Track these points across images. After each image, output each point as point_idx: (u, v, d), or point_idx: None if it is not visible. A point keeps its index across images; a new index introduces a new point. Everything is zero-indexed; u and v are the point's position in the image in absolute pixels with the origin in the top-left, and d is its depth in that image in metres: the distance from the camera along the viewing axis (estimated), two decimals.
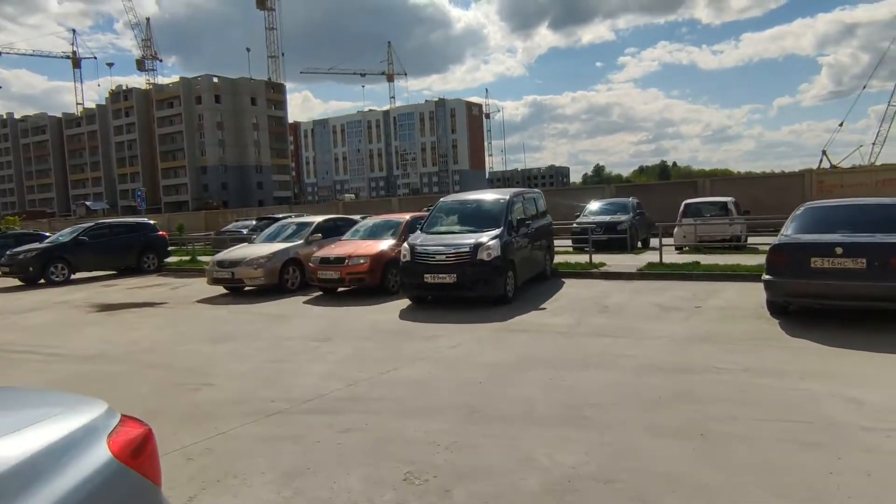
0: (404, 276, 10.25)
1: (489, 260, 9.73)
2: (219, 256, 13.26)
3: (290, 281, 12.82)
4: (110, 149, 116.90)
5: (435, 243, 10.18)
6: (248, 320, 9.97)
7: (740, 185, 28.10)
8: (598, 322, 8.48)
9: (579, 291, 11.19)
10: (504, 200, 11.09)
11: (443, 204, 11.74)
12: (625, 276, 12.73)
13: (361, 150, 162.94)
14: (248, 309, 11.14)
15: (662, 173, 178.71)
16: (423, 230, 10.98)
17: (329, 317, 9.89)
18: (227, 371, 6.78)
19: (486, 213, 11.07)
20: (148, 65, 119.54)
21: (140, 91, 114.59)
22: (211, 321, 10.13)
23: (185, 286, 15.32)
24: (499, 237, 10.07)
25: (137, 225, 19.95)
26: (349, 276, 11.38)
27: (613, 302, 9.97)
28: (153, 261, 19.53)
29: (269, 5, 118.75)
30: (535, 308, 9.72)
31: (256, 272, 12.34)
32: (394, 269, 11.73)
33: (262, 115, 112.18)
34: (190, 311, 11.23)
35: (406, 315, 9.69)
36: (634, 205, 19.57)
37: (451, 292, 9.91)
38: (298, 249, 13.12)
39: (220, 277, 12.68)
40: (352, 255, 11.52)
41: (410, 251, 10.16)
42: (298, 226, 14.26)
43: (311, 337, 8.37)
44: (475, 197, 11.91)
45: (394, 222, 12.98)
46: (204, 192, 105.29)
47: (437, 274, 9.77)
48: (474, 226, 10.74)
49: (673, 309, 9.15)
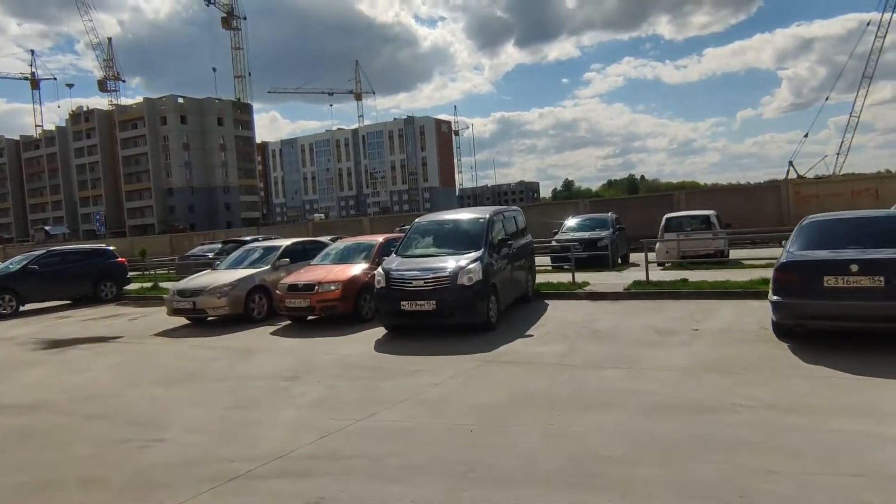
0: (379, 303, 9.49)
1: (470, 284, 9.04)
2: (179, 285, 12.34)
3: (257, 310, 11.96)
4: (71, 172, 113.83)
5: (411, 268, 9.47)
6: (210, 356, 9.10)
7: (716, 197, 28.01)
8: (592, 350, 7.84)
9: (566, 314, 10.56)
10: (484, 220, 10.44)
11: (418, 225, 11.04)
12: (611, 296, 12.16)
13: (330, 169, 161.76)
14: (210, 342, 10.26)
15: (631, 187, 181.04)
16: (399, 253, 10.27)
17: (298, 350, 9.08)
18: (181, 421, 5.94)
19: (465, 233, 10.40)
20: (110, 85, 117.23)
21: (102, 112, 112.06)
22: (168, 358, 9.24)
23: (144, 317, 14.31)
24: (479, 259, 9.40)
25: (93, 251, 18.83)
26: (320, 304, 10.58)
27: (604, 325, 9.35)
28: (111, 289, 18.42)
29: (234, 25, 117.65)
30: (521, 335, 9.05)
31: (220, 301, 11.46)
32: (367, 296, 10.97)
33: (229, 135, 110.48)
34: (146, 347, 10.30)
35: (382, 346, 8.94)
36: (614, 220, 19.13)
37: (430, 320, 9.19)
38: (265, 276, 12.27)
39: (180, 308, 11.76)
40: (322, 281, 10.74)
41: (385, 276, 9.43)
42: (265, 250, 13.41)
43: (279, 375, 7.55)
44: (453, 217, 11.24)
45: (366, 245, 12.23)
46: (170, 215, 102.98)
47: (415, 301, 9.04)
48: (453, 247, 10.05)
49: (669, 332, 8.56)
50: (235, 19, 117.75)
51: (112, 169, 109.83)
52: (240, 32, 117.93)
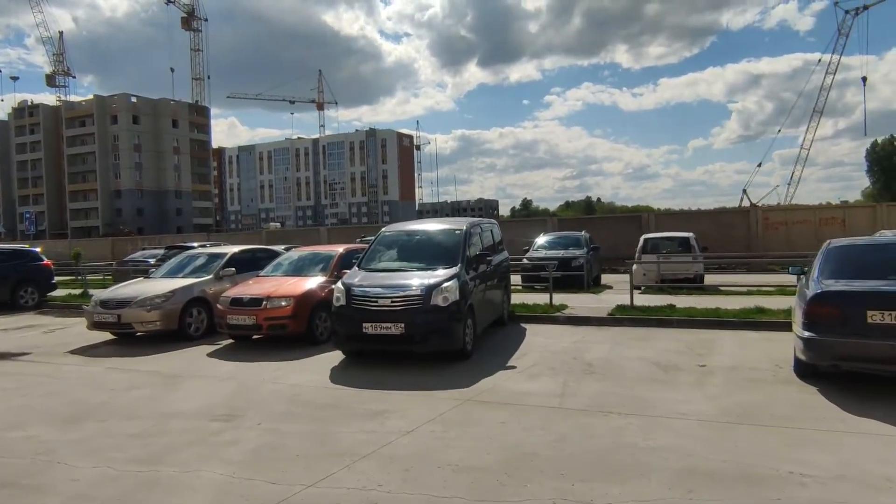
0: (338, 324, 8.09)
1: (446, 306, 7.74)
2: (103, 294, 10.65)
3: (194, 326, 10.40)
4: (11, 168, 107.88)
5: (377, 284, 8.11)
6: (129, 383, 7.54)
7: (685, 219, 27.47)
8: (591, 389, 6.62)
9: (548, 342, 9.35)
10: (460, 232, 9.18)
11: (386, 235, 9.68)
12: (594, 321, 11.03)
13: (289, 178, 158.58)
14: (132, 364, 8.66)
15: (588, 208, 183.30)
16: (362, 266, 8.89)
17: (238, 378, 7.60)
18: (65, 487, 4.44)
19: (439, 246, 9.12)
20: (59, 81, 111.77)
21: (48, 108, 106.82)
22: (76, 385, 7.62)
23: (63, 329, 12.52)
24: (456, 277, 8.12)
25: (14, 252, 16.83)
26: (267, 323, 9.11)
27: (596, 357, 8.17)
28: (32, 295, 16.45)
29: (195, 26, 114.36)
30: (503, 366, 7.79)
31: (150, 315, 9.86)
32: (323, 314, 9.57)
33: (183, 138, 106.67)
34: (54, 368, 8.63)
35: (339, 376, 7.54)
36: (587, 239, 18.15)
37: (397, 346, 7.84)
38: (206, 286, 10.73)
39: (102, 321, 10.09)
40: (271, 295, 9.28)
41: (346, 293, 8.05)
42: (208, 257, 11.84)
43: (210, 413, 6.09)
44: (425, 227, 9.92)
45: (324, 256, 10.81)
46: (117, 218, 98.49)
47: (380, 323, 7.69)
48: (424, 262, 8.75)
49: (673, 368, 7.43)
50: (196, 20, 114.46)
51: (56, 167, 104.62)
52: (200, 34, 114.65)
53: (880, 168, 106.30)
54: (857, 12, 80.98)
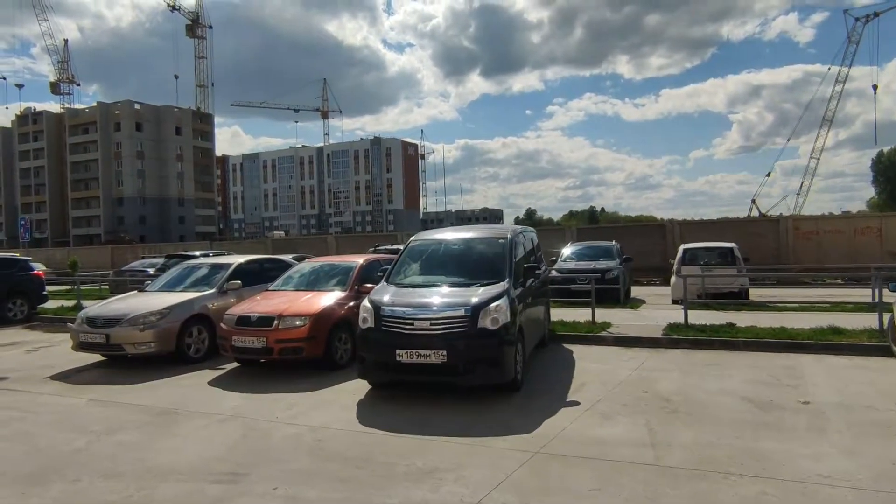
0: (365, 350, 6.77)
1: (495, 329, 6.45)
2: (91, 310, 9.35)
3: (194, 347, 9.10)
4: (14, 176, 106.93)
5: (411, 302, 6.81)
6: (113, 422, 6.24)
7: (711, 229, 26.05)
8: (685, 436, 5.31)
9: (605, 369, 8.04)
10: (504, 241, 7.90)
11: (417, 244, 8.35)
12: (647, 342, 9.72)
13: (293, 186, 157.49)
14: (120, 395, 7.36)
15: (591, 218, 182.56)
16: (391, 281, 7.59)
17: (246, 416, 6.30)
18: None
19: (481, 257, 7.82)
20: (63, 88, 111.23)
21: (52, 115, 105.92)
22: (50, 424, 6.33)
23: (49, 346, 11.24)
24: (506, 294, 6.83)
25: (3, 261, 15.56)
26: (280, 346, 7.81)
27: (670, 390, 6.86)
28: (21, 308, 15.20)
29: (199, 33, 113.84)
30: (563, 402, 6.49)
31: (143, 335, 8.56)
32: (343, 335, 8.30)
33: (187, 145, 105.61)
34: (28, 400, 7.33)
35: (370, 414, 6.24)
36: (619, 249, 16.87)
37: (437, 377, 6.53)
38: (207, 302, 9.45)
39: (89, 342, 8.80)
40: (284, 313, 7.98)
41: (375, 313, 6.75)
42: (211, 269, 10.56)
43: (210, 470, 4.79)
44: (462, 235, 8.59)
45: (342, 268, 9.51)
46: (119, 226, 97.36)
47: (417, 350, 6.38)
48: (465, 276, 7.45)
49: (773, 406, 6.12)
50: (200, 28, 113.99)
51: (59, 175, 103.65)
52: (204, 41, 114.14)
53: (886, 178, 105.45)
54: (867, 20, 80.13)
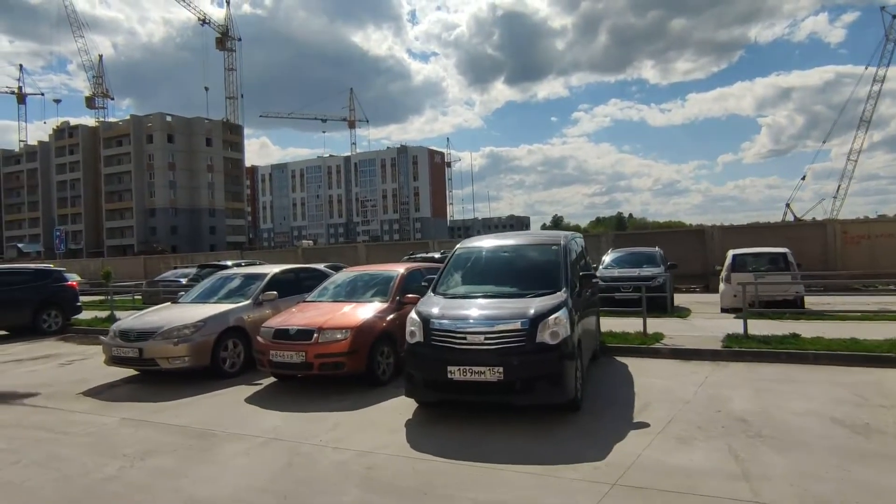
0: (414, 366, 6.28)
1: (556, 343, 5.91)
2: (124, 324, 9.02)
3: (229, 361, 8.72)
4: (51, 188, 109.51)
5: (463, 315, 6.29)
6: (147, 445, 5.84)
7: (753, 234, 25.13)
8: (779, 466, 4.71)
9: (668, 385, 7.44)
10: (558, 247, 7.37)
11: (464, 252, 7.82)
12: (707, 354, 9.07)
13: (321, 195, 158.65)
14: (153, 413, 6.98)
15: (619, 224, 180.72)
16: (438, 291, 7.09)
17: (287, 439, 5.84)
18: None
19: (534, 265, 7.31)
20: (98, 102, 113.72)
21: (87, 128, 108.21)
22: (82, 447, 5.95)
23: (83, 360, 10.99)
24: (564, 305, 6.29)
25: (37, 272, 15.49)
26: (320, 360, 7.36)
27: (746, 409, 6.24)
28: (55, 319, 15.07)
29: (229, 46, 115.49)
30: (629, 422, 5.92)
31: (177, 349, 8.20)
32: (385, 349, 7.84)
33: (217, 156, 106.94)
34: (59, 419, 6.99)
35: (421, 437, 5.74)
36: (662, 256, 16.19)
37: (492, 396, 6.01)
38: (243, 314, 9.07)
39: (122, 356, 8.47)
40: (324, 326, 7.54)
41: (423, 327, 6.26)
42: (245, 279, 10.20)
43: (252, 502, 4.34)
44: (512, 242, 8.06)
45: (382, 277, 9.05)
46: (151, 236, 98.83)
47: (471, 366, 5.87)
48: (517, 285, 6.94)
49: (870, 430, 5.48)
50: (230, 41, 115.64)
51: (94, 186, 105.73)
52: (234, 54, 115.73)
53: None
54: None
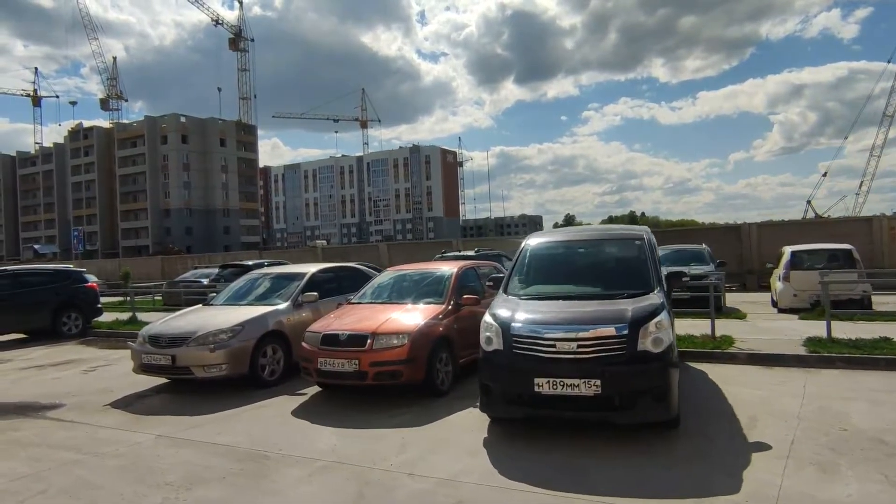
0: (492, 378, 5.45)
1: (659, 352, 5.10)
2: (153, 328, 8.27)
3: (269, 368, 7.98)
4: (66, 190, 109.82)
5: (548, 319, 5.46)
6: (190, 470, 5.09)
7: (792, 230, 24.14)
8: None
9: (761, 395, 6.61)
10: (642, 241, 6.56)
11: (536, 247, 6.93)
12: (790, 360, 8.22)
13: (333, 195, 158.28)
14: (193, 429, 6.23)
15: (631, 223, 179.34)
16: (511, 292, 6.27)
17: (351, 461, 5.07)
18: None
19: (619, 262, 6.52)
20: (112, 104, 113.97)
21: (102, 130, 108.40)
22: (114, 471, 5.20)
23: (108, 365, 10.31)
24: (664, 307, 5.49)
25: (56, 273, 14.87)
26: (375, 370, 6.58)
27: (873, 426, 5.40)
28: (76, 322, 14.44)
29: (242, 46, 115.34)
30: (743, 442, 5.12)
31: (214, 356, 7.45)
32: (443, 354, 7.07)
33: (231, 156, 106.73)
34: (86, 435, 6.26)
35: (506, 460, 4.94)
36: (710, 253, 15.34)
37: (587, 413, 5.19)
38: (282, 316, 8.32)
39: (153, 364, 7.74)
40: (379, 330, 6.77)
41: (503, 332, 5.45)
42: (279, 279, 9.46)
43: None
44: (590, 236, 7.19)
45: (436, 276, 8.25)
46: (166, 237, 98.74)
47: (562, 378, 5.07)
48: (600, 285, 6.15)
49: None
50: (243, 41, 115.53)
51: (108, 188, 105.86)
52: (247, 54, 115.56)
53: None
54: None
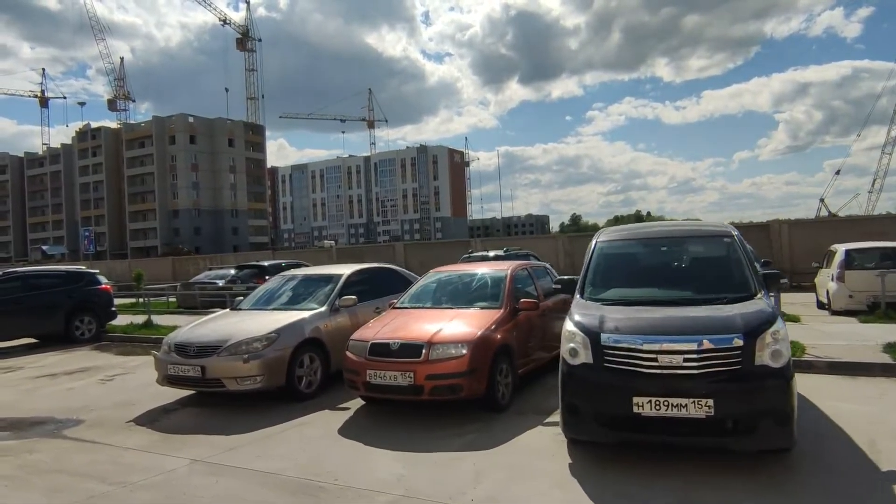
0: (580, 396, 4.71)
1: (780, 367, 4.37)
2: (179, 336, 7.53)
3: (306, 379, 7.27)
4: (74, 190, 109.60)
5: (644, 328, 4.71)
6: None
7: (824, 229, 23.28)
8: None
9: (864, 410, 5.89)
10: (732, 239, 5.90)
11: (613, 245, 6.14)
12: (876, 369, 7.49)
13: (341, 196, 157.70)
14: (233, 454, 5.51)
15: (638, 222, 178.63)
16: (590, 296, 5.49)
17: (425, 497, 4.34)
18: None
19: (711, 263, 5.83)
20: (120, 105, 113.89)
21: (109, 130, 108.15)
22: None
23: (126, 374, 9.63)
24: (777, 315, 4.76)
25: (68, 275, 14.18)
26: (432, 383, 5.84)
27: None
28: (89, 326, 13.76)
29: (249, 46, 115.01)
30: (875, 473, 4.37)
31: (248, 367, 6.73)
32: (503, 365, 6.34)
33: (239, 157, 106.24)
34: (109, 460, 5.55)
35: (603, 492, 4.21)
36: (755, 253, 14.51)
37: (699, 439, 4.44)
38: (320, 322, 7.60)
39: (180, 375, 7.03)
40: (434, 339, 6.04)
41: (590, 343, 4.71)
42: (311, 281, 8.74)
43: None
44: (671, 233, 6.38)
45: (488, 278, 7.50)
46: (175, 237, 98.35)
47: (668, 397, 4.34)
48: (693, 288, 5.41)
49: None
50: (250, 41, 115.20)
51: (116, 188, 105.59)
52: (254, 54, 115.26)
53: None
54: None
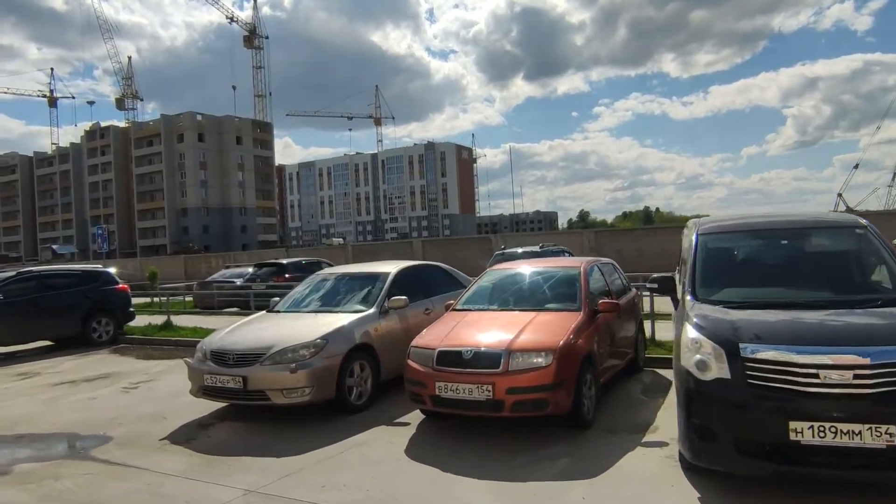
0: (715, 418, 3.90)
1: None
2: (215, 341, 6.76)
3: (357, 390, 6.51)
4: (83, 189, 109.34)
5: (795, 334, 3.92)
6: None
7: None
8: None
9: None
10: (863, 230, 5.04)
11: (723, 238, 5.35)
12: None
13: (348, 193, 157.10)
14: (291, 482, 4.74)
15: (647, 219, 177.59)
16: (701, 297, 4.68)
17: None
18: None
19: (843, 257, 5.00)
20: (128, 103, 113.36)
21: (118, 129, 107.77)
22: None
23: (150, 381, 8.91)
24: None
25: (84, 274, 13.47)
26: (514, 398, 5.06)
27: None
28: (107, 328, 13.07)
29: (256, 44, 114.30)
30: None
31: (295, 378, 5.95)
32: (587, 376, 5.55)
33: (247, 154, 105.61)
34: (151, 489, 4.79)
35: None
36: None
37: (876, 473, 3.64)
38: (369, 326, 6.84)
39: (218, 387, 6.27)
40: (514, 346, 5.26)
41: (725, 354, 3.92)
42: (354, 280, 7.98)
43: None
44: (788, 223, 5.43)
45: (560, 276, 6.70)
46: (184, 236, 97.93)
47: (835, 423, 3.54)
48: (826, 288, 4.62)
49: None
50: (258, 38, 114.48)
51: (125, 187, 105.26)
52: (262, 52, 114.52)
53: None
54: None
